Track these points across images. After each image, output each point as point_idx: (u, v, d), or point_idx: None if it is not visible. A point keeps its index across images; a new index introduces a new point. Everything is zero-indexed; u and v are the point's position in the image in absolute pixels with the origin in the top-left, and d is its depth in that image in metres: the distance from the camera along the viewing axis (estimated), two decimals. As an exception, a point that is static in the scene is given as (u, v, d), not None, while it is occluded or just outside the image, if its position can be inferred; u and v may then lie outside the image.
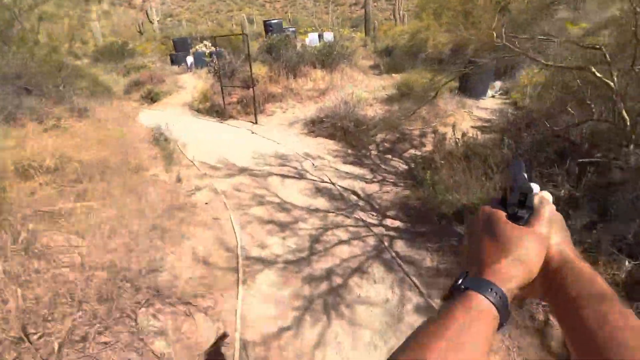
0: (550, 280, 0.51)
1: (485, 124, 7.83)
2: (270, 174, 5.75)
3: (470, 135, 6.45)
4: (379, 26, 24.70)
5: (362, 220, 4.42)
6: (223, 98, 9.72)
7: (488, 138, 6.55)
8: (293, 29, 15.08)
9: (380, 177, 5.67)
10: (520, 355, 2.57)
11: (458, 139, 5.84)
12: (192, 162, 6.11)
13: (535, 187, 0.54)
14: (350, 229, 4.28)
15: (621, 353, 0.40)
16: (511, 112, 7.14)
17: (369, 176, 5.74)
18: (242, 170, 5.85)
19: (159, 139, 6.96)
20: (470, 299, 0.45)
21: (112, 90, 9.24)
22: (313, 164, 6.14)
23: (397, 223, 4.34)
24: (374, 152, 6.70)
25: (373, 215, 4.57)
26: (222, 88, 9.69)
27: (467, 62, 10.51)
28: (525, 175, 0.55)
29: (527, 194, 0.52)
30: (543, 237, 0.51)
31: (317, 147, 7.15)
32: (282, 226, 4.35)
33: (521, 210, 0.52)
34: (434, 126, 7.36)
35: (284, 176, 5.67)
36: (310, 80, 10.86)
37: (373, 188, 5.31)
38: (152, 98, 11.79)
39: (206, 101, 10.83)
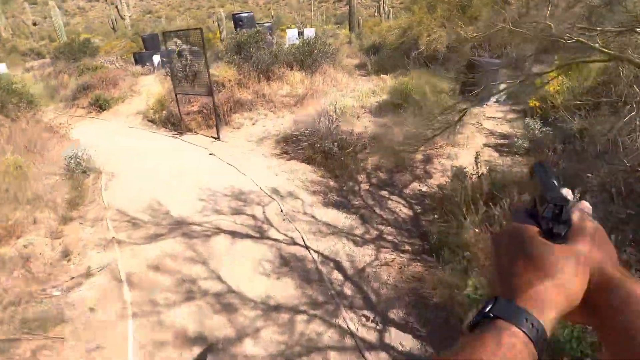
0: (592, 305, 0.41)
1: (502, 141, 6.08)
2: (217, 230, 3.86)
3: (496, 164, 4.70)
4: (364, 23, 22.93)
5: (351, 334, 2.60)
6: (178, 107, 7.73)
7: (514, 165, 4.80)
8: (268, 23, 13.05)
9: (375, 232, 3.84)
10: None
11: (483, 174, 4.06)
12: (105, 209, 4.17)
13: (568, 194, 0.45)
14: (332, 356, 2.45)
15: None
16: (540, 129, 5.39)
17: (360, 230, 3.91)
18: (177, 226, 3.93)
19: (75, 171, 4.99)
20: (501, 331, 0.36)
21: (35, 99, 7.17)
22: (281, 210, 4.28)
23: (408, 341, 2.52)
24: (364, 186, 4.87)
25: (367, 319, 2.74)
26: (176, 95, 7.70)
27: (467, 62, 8.78)
28: (555, 181, 0.45)
29: (563, 206, 0.42)
30: (586, 258, 0.41)
31: (290, 176, 5.28)
32: (215, 352, 2.49)
33: (557, 225, 0.42)
34: (441, 147, 5.56)
35: (236, 235, 3.78)
36: (287, 84, 8.95)
37: (366, 255, 3.48)
38: (100, 106, 9.70)
39: (162, 110, 8.82)
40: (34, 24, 26.85)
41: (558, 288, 0.39)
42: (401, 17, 12.24)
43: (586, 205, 0.45)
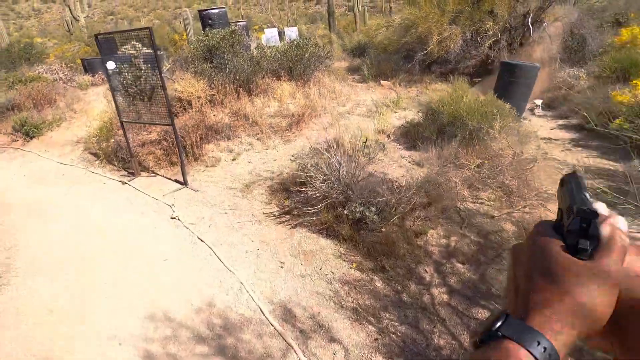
0: (618, 329, 0.35)
1: (597, 183, 4.10)
2: None
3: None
4: (337, 22, 20.74)
5: None
6: (127, 139, 5.26)
7: None
8: (244, 22, 10.55)
9: None
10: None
11: None
12: None
13: (601, 207, 0.38)
14: None
15: None
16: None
17: None
18: None
19: None
20: (507, 354, 0.31)
21: None
22: (311, 388, 2.06)
23: None
24: (438, 294, 2.71)
25: None
26: (122, 123, 5.22)
27: (501, 65, 6.78)
28: (587, 194, 0.39)
29: (591, 219, 0.36)
30: (613, 278, 0.34)
31: (306, 269, 3.04)
32: None
33: (583, 240, 0.35)
34: (529, 206, 3.48)
35: None
36: (274, 99, 6.63)
37: None
38: (27, 132, 6.99)
39: (109, 138, 6.28)
40: (-28, 27, 22.70)
41: (577, 308, 0.33)
42: (403, 12, 10.07)
43: (620, 219, 0.38)
